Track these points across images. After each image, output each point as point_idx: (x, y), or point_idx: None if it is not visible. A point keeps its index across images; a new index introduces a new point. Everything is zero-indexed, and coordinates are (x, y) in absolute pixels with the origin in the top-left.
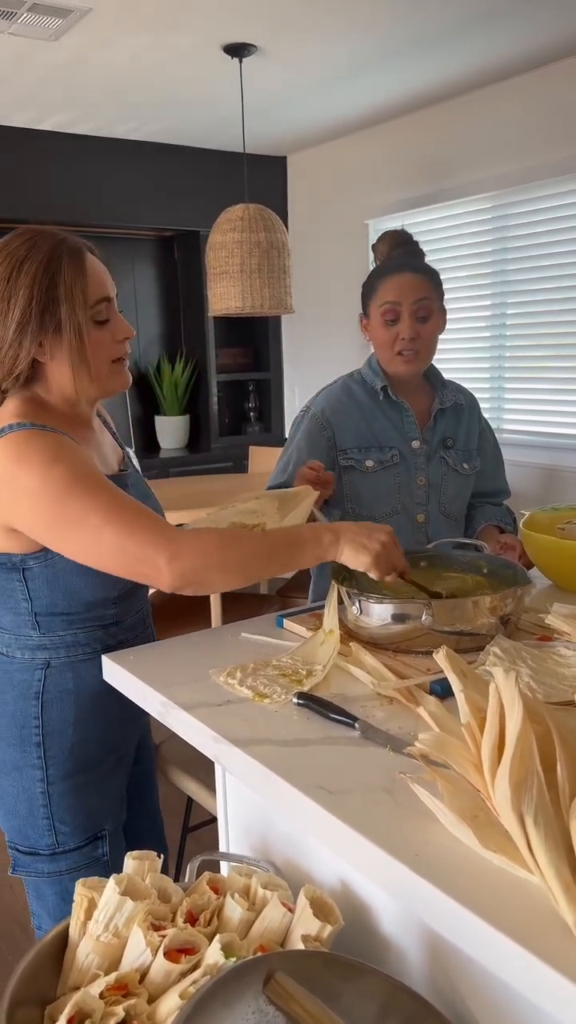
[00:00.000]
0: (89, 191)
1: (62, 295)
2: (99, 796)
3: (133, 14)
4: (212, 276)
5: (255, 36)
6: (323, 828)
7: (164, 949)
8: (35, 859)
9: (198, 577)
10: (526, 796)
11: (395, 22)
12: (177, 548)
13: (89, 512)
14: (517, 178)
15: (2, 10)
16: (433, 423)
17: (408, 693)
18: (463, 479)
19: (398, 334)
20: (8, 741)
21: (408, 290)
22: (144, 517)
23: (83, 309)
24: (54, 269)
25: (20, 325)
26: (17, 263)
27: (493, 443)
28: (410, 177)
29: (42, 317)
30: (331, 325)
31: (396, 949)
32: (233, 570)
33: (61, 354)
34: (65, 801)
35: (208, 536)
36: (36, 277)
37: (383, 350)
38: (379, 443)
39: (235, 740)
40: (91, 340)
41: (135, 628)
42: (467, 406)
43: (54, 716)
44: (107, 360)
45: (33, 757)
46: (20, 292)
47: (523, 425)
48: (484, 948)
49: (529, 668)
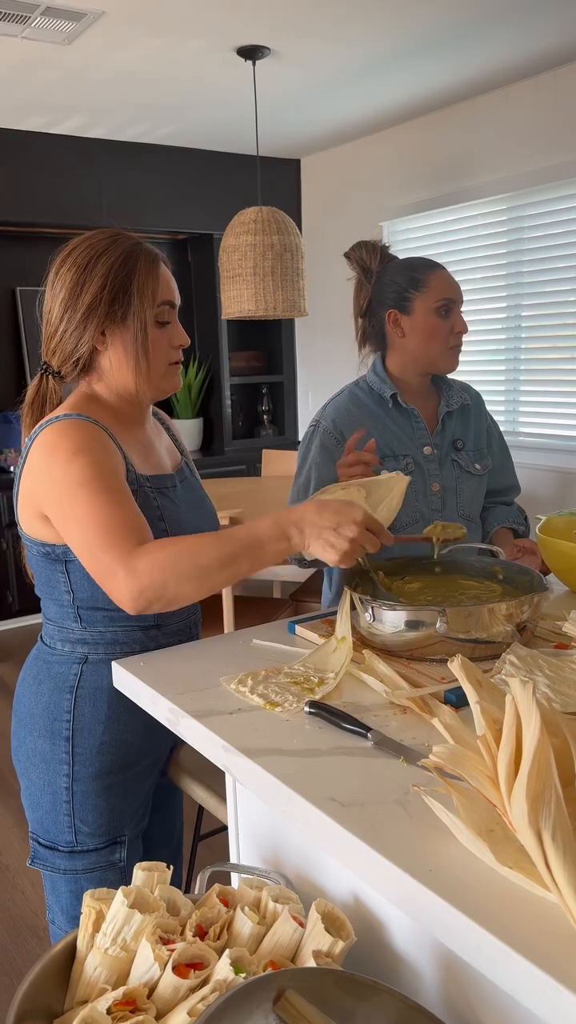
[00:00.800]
0: (103, 194)
1: (134, 289)
2: (123, 801)
3: (146, 17)
4: (225, 279)
5: (268, 39)
6: (334, 841)
7: (173, 964)
8: (53, 854)
9: (157, 594)
10: (544, 811)
11: (407, 25)
12: (133, 564)
13: (85, 513)
14: (531, 179)
15: (16, 14)
16: (441, 427)
17: (422, 703)
18: (477, 480)
19: (453, 327)
20: (40, 732)
21: (457, 287)
22: (122, 530)
23: (150, 307)
24: (130, 265)
25: (89, 309)
26: (97, 254)
27: (499, 438)
28: (424, 179)
29: (111, 305)
30: (345, 328)
31: (410, 967)
32: (194, 581)
33: (122, 346)
34: (89, 801)
35: (164, 549)
36: (112, 268)
37: (436, 343)
38: (393, 452)
39: (245, 750)
40: (152, 337)
41: (179, 635)
42: (473, 405)
43: (86, 712)
44: (164, 360)
45: (61, 752)
46: (94, 279)
47: (539, 428)
48: (499, 968)
49: (546, 677)
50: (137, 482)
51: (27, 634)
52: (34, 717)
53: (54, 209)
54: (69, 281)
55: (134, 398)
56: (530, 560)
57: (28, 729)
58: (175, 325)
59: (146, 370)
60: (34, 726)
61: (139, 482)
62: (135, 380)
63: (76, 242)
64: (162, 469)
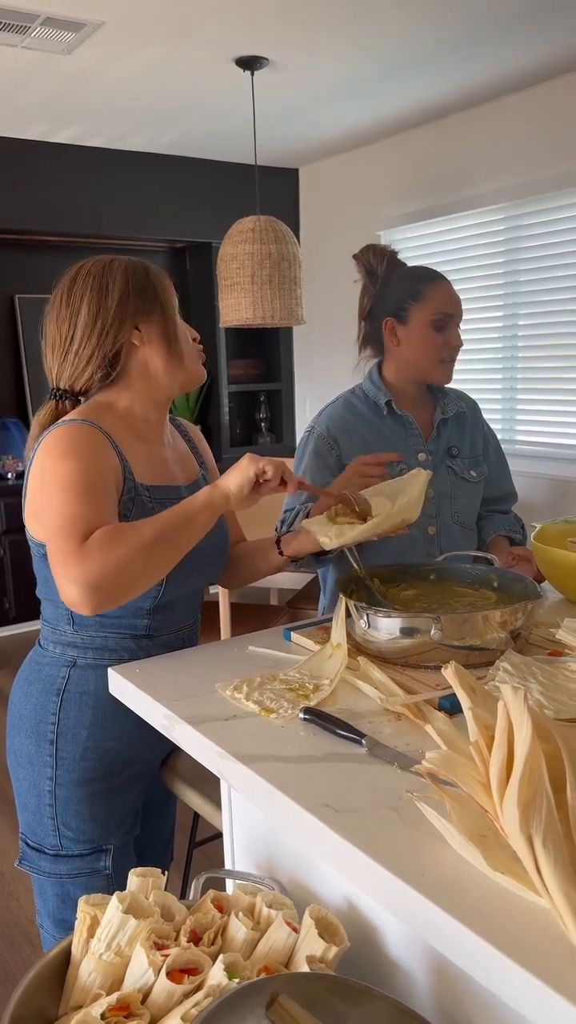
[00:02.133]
0: (102, 202)
1: (154, 282)
2: (107, 810)
3: (145, 28)
4: (223, 287)
5: (267, 49)
6: (328, 847)
7: (167, 969)
8: (40, 856)
9: (106, 582)
10: (535, 817)
11: (405, 36)
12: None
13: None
14: (529, 189)
15: (16, 24)
16: (436, 434)
17: (416, 709)
18: (472, 487)
19: (447, 341)
20: (27, 733)
21: (457, 301)
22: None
23: (171, 297)
24: (143, 266)
25: (119, 306)
26: (105, 263)
27: (496, 447)
28: (422, 189)
29: (140, 299)
30: (343, 336)
31: (403, 972)
32: (141, 565)
33: (157, 334)
34: (72, 807)
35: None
36: (128, 268)
37: (427, 356)
38: None
39: (240, 756)
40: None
41: (169, 647)
42: (469, 413)
43: (71, 716)
44: (190, 345)
45: (45, 754)
46: (116, 280)
47: (535, 436)
48: (491, 973)
49: (539, 684)
50: (135, 490)
51: (24, 641)
52: (23, 718)
53: (53, 217)
54: (90, 289)
55: (171, 391)
56: (525, 568)
57: (17, 729)
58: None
59: (179, 352)
60: (22, 727)
61: (137, 490)
62: (176, 366)
63: (75, 266)
64: (169, 480)
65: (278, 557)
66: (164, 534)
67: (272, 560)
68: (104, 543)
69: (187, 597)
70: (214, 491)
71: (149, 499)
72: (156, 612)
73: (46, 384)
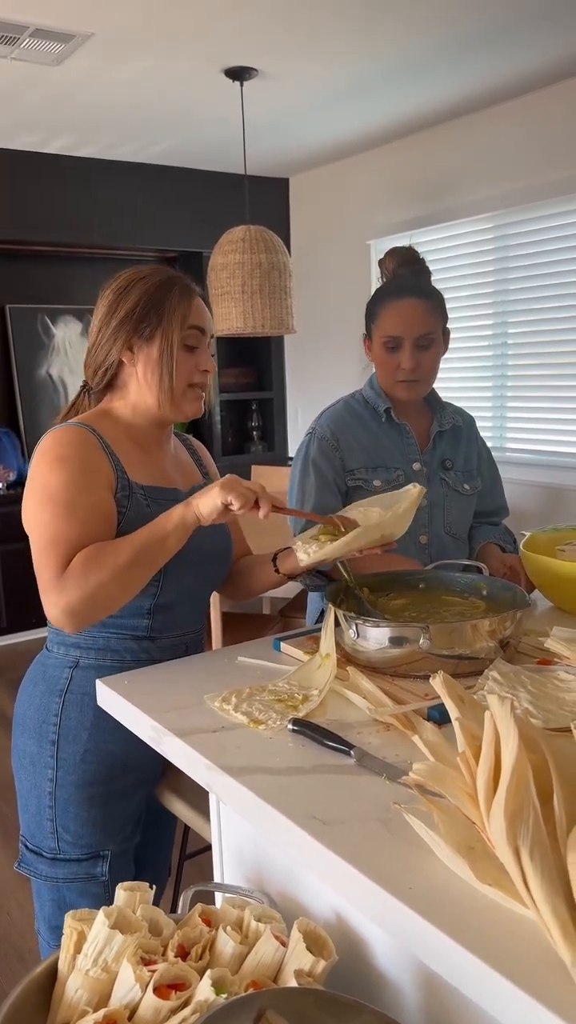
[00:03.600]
0: (93, 212)
1: (165, 309)
2: (106, 815)
3: (134, 39)
4: (214, 297)
5: (256, 60)
6: (315, 859)
7: (154, 985)
8: (38, 859)
9: (84, 606)
10: (522, 829)
11: (394, 45)
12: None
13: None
14: (517, 198)
15: (5, 36)
16: (432, 445)
17: (405, 720)
18: (465, 499)
19: (399, 363)
20: (30, 733)
21: (410, 322)
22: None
23: (179, 328)
24: (165, 289)
25: (120, 324)
26: (137, 279)
27: (489, 462)
28: (412, 197)
29: (140, 323)
30: (334, 345)
31: (391, 985)
32: (117, 586)
33: (148, 361)
34: (71, 809)
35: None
36: (147, 291)
37: (384, 375)
38: (384, 463)
39: (228, 768)
40: (178, 358)
41: (173, 650)
42: (465, 428)
43: (72, 717)
44: (185, 382)
45: (47, 755)
46: (130, 298)
47: (525, 444)
48: (479, 986)
49: (529, 693)
50: (129, 488)
51: (17, 651)
52: (27, 718)
53: (44, 227)
54: (108, 300)
55: (155, 416)
56: (514, 577)
57: (21, 730)
58: (203, 351)
59: (168, 388)
60: (26, 727)
61: (131, 488)
62: (157, 396)
63: (124, 272)
64: (165, 482)
65: (274, 574)
66: (139, 556)
67: (268, 576)
68: (82, 570)
69: (188, 599)
70: (187, 511)
71: (144, 497)
72: (156, 612)
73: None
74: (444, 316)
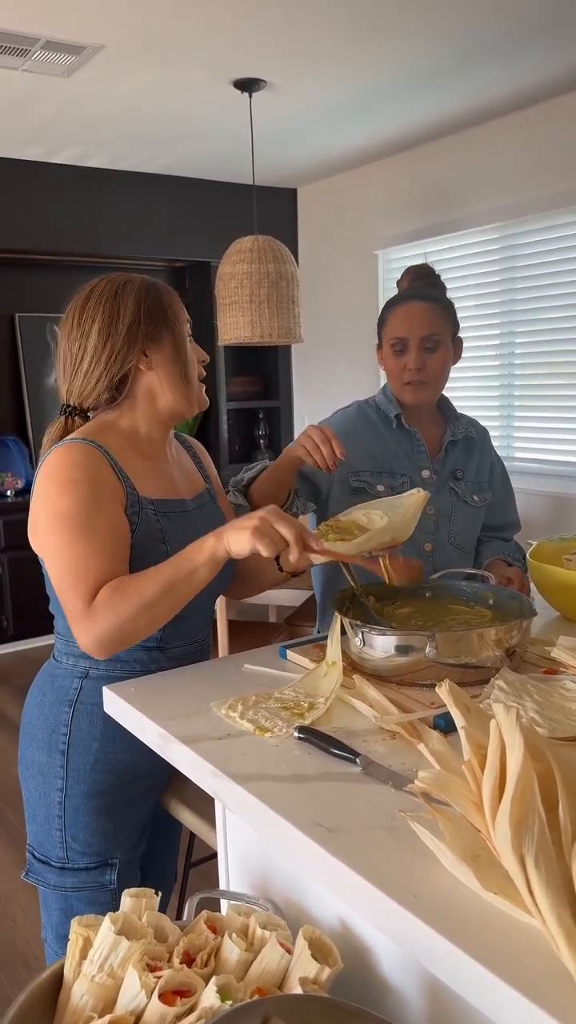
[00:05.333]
0: (102, 223)
1: (166, 308)
2: (115, 823)
3: (144, 51)
4: (222, 306)
5: (265, 72)
6: (321, 867)
7: (159, 991)
8: (46, 868)
9: (113, 639)
10: (527, 837)
11: (401, 58)
12: (92, 615)
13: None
14: (524, 208)
15: (17, 48)
16: (444, 454)
17: (411, 728)
18: (473, 511)
19: (405, 364)
20: (39, 743)
21: (416, 323)
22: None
23: (182, 323)
24: (156, 288)
25: (129, 331)
26: (120, 285)
27: (503, 476)
28: (419, 208)
29: (150, 324)
30: (341, 354)
31: (396, 993)
32: (144, 616)
33: (166, 360)
34: (80, 818)
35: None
36: (140, 291)
37: (393, 379)
38: (391, 469)
39: (234, 775)
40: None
41: (182, 660)
42: (479, 439)
43: (82, 727)
44: (197, 372)
45: (56, 765)
46: (128, 304)
47: (532, 453)
48: (483, 994)
49: (535, 702)
50: (139, 504)
51: (22, 658)
52: (35, 728)
53: (53, 237)
54: (102, 312)
55: (170, 417)
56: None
57: (29, 740)
58: (194, 344)
59: (189, 380)
60: (35, 737)
61: (141, 504)
62: (180, 393)
63: (90, 285)
64: (173, 494)
65: (277, 572)
66: (167, 590)
67: (272, 574)
68: (110, 602)
69: (198, 608)
70: (217, 545)
71: (154, 512)
72: (168, 624)
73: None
74: (453, 323)
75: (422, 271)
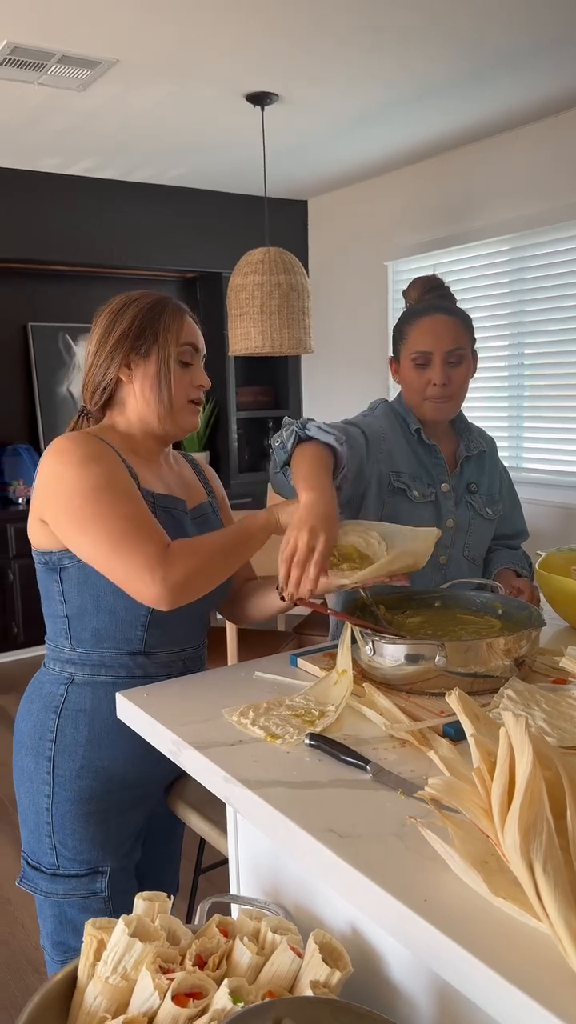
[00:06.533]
0: (115, 233)
1: (160, 327)
2: (104, 831)
3: (158, 65)
4: (233, 317)
5: (277, 86)
6: (332, 872)
7: (172, 993)
8: (38, 875)
9: (184, 589)
10: (535, 843)
11: (412, 71)
12: (168, 562)
13: (109, 514)
14: (534, 221)
15: (33, 62)
16: (460, 469)
17: (421, 736)
18: (487, 524)
19: (429, 380)
20: (27, 749)
21: (440, 336)
22: (149, 531)
23: (174, 345)
24: (158, 309)
25: (117, 342)
26: (130, 301)
27: (509, 485)
28: (429, 220)
29: (137, 340)
30: (351, 364)
31: (406, 997)
32: (209, 573)
33: (145, 377)
34: (68, 825)
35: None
36: (141, 310)
37: (413, 394)
38: (421, 477)
39: (246, 781)
40: (174, 374)
41: (169, 667)
42: (489, 452)
43: (68, 732)
44: (183, 397)
45: (43, 771)
46: (125, 319)
47: (541, 464)
48: (492, 998)
49: (543, 711)
50: (143, 493)
51: (32, 665)
52: (24, 735)
53: (66, 247)
54: (103, 323)
55: (154, 431)
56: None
57: (19, 746)
58: (197, 367)
59: (167, 402)
60: (23, 744)
61: (143, 494)
62: (156, 411)
63: (119, 296)
64: (172, 492)
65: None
66: (228, 547)
67: (273, 602)
68: (185, 550)
69: (186, 615)
70: (269, 517)
71: (154, 504)
72: (152, 626)
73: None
74: (472, 336)
75: (432, 283)
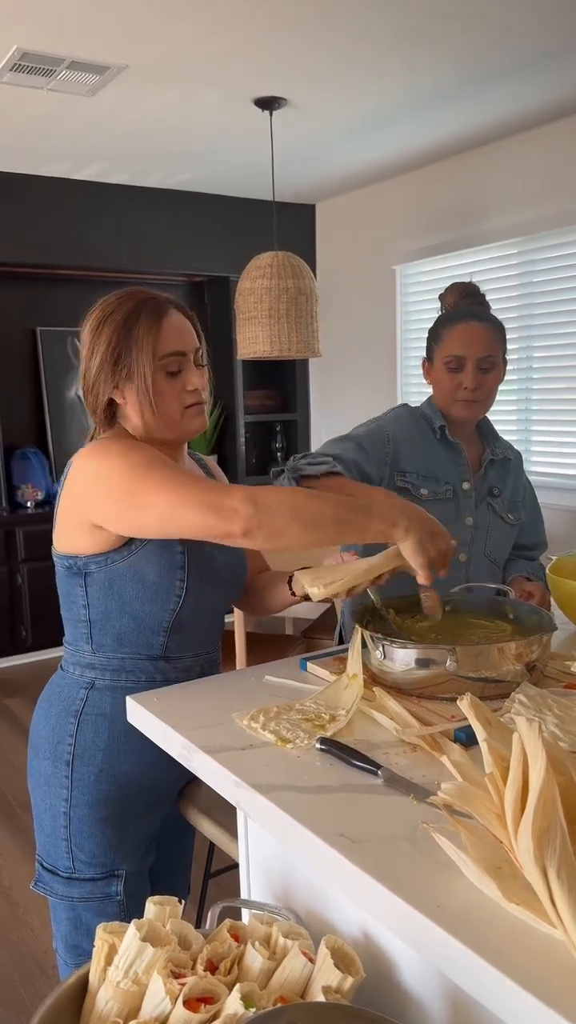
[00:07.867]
0: (123, 238)
1: (133, 350)
2: (121, 835)
3: (167, 71)
4: (241, 321)
5: (285, 90)
6: (344, 877)
7: (183, 998)
8: (53, 878)
9: (266, 518)
10: (549, 848)
11: (421, 75)
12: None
13: (167, 479)
14: (543, 224)
15: (43, 68)
16: (483, 472)
17: (432, 740)
18: (508, 528)
19: (461, 383)
20: (45, 753)
21: (474, 343)
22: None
23: (150, 360)
24: (132, 323)
25: (100, 367)
26: (106, 316)
27: (532, 498)
28: (437, 223)
29: (116, 363)
30: (359, 368)
31: (418, 1003)
32: (301, 524)
33: (132, 397)
34: (85, 828)
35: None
36: (116, 328)
37: (444, 395)
38: (436, 475)
39: (256, 785)
40: (158, 388)
41: (188, 672)
42: (514, 462)
43: (87, 737)
44: (178, 407)
45: (61, 775)
46: (103, 339)
47: (550, 467)
48: (506, 1004)
49: (555, 716)
50: None
51: (40, 669)
52: (41, 739)
53: (75, 252)
54: (86, 344)
55: (163, 437)
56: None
57: (36, 750)
58: (188, 370)
59: (154, 418)
60: (41, 748)
61: None
62: (153, 427)
63: (98, 303)
64: None
65: (290, 595)
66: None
67: (284, 596)
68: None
69: (206, 618)
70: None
71: None
72: (174, 631)
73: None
74: (504, 344)
75: (469, 289)
